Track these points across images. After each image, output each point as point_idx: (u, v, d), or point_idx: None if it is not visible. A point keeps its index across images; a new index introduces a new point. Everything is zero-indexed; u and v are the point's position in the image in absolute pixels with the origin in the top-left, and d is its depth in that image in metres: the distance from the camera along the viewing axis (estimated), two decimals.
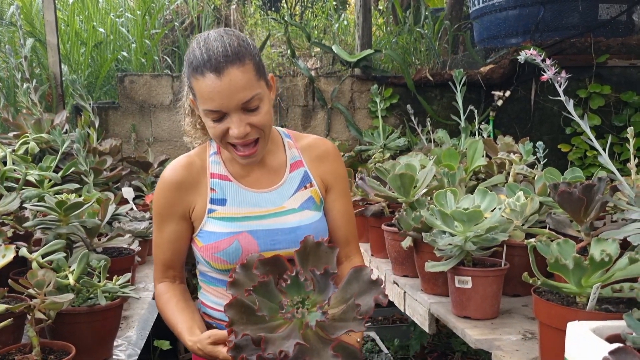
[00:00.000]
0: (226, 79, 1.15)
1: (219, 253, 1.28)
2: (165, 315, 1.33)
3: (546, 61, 1.24)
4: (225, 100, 1.17)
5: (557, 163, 3.88)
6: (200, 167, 1.34)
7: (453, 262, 1.42)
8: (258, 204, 1.32)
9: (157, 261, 1.39)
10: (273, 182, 1.35)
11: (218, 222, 1.30)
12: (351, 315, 0.98)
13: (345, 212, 1.42)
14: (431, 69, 4.03)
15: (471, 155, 2.18)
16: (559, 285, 1.01)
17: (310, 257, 1.04)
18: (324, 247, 1.04)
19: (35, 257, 1.29)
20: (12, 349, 1.16)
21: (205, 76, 1.16)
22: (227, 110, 1.19)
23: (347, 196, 1.43)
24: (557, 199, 1.39)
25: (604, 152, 1.23)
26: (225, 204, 1.31)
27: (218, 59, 1.16)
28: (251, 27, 5.97)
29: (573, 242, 1.07)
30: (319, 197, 1.37)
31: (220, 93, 1.16)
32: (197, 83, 1.19)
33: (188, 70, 1.22)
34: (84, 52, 4.10)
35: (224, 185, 1.33)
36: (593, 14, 4.17)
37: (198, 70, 1.18)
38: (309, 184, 1.36)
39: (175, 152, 3.52)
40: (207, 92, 1.17)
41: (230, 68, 1.16)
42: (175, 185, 1.32)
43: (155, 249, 1.38)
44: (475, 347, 1.29)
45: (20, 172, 2.09)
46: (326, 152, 1.40)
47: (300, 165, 1.38)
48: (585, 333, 0.85)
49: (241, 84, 1.16)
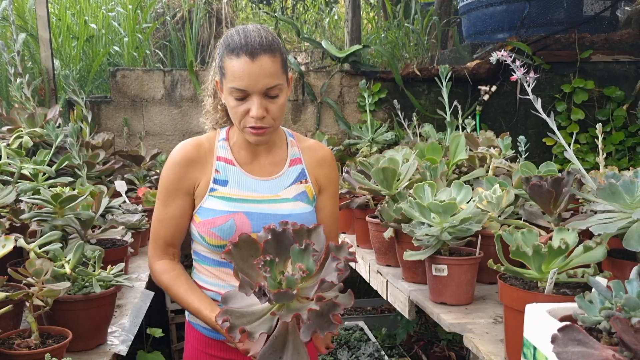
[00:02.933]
0: (258, 63, 1.28)
1: (215, 228, 1.37)
2: (176, 292, 1.39)
3: (516, 62, 1.32)
4: (252, 82, 1.29)
5: (541, 156, 3.98)
6: (209, 148, 1.45)
7: (430, 251, 1.50)
8: (256, 190, 1.42)
9: (157, 238, 1.44)
10: (273, 172, 1.46)
11: (217, 200, 1.40)
12: (327, 316, 1.06)
13: (333, 212, 1.56)
14: (420, 63, 4.10)
15: (454, 149, 2.25)
16: (521, 271, 1.09)
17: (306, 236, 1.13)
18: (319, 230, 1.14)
19: (32, 248, 1.36)
20: (12, 334, 1.23)
21: (240, 57, 1.29)
22: (252, 92, 1.30)
23: (335, 198, 1.58)
24: (528, 191, 1.47)
25: (569, 147, 1.30)
26: (227, 185, 1.42)
27: (254, 45, 1.29)
28: (242, 21, 6.01)
29: (536, 232, 1.15)
30: (312, 193, 1.49)
31: (250, 74, 1.28)
32: (231, 62, 1.30)
33: (223, 51, 1.34)
34: (75, 47, 4.14)
35: (227, 169, 1.43)
36: (578, 10, 4.25)
37: (234, 51, 1.30)
38: (305, 180, 1.48)
39: (167, 146, 3.58)
40: (239, 72, 1.29)
41: (263, 55, 1.29)
42: (184, 162, 1.41)
43: (157, 225, 1.44)
44: (449, 330, 1.37)
45: (15, 166, 2.15)
46: (324, 158, 1.53)
47: (299, 162, 1.49)
48: (541, 314, 0.93)
49: (269, 71, 1.30)
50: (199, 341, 1.47)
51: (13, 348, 1.16)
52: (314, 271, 1.07)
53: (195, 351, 1.49)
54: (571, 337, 0.81)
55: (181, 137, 3.60)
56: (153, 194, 2.62)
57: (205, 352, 1.46)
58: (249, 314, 1.08)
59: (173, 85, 3.66)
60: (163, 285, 1.43)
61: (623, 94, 3.95)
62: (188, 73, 3.66)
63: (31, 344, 1.18)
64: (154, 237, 1.45)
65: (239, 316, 1.06)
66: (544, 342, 0.91)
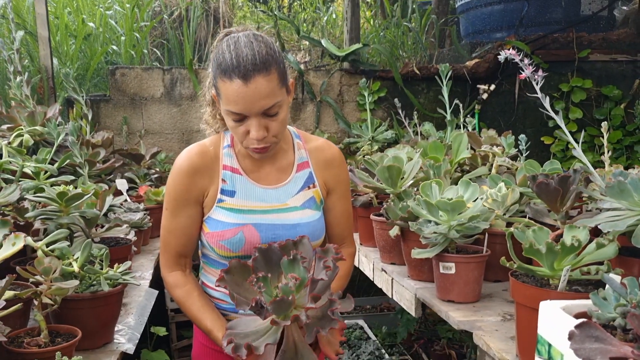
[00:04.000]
0: (252, 86, 1.22)
1: (224, 241, 1.36)
2: (189, 308, 1.38)
3: (525, 60, 1.32)
4: (248, 105, 1.23)
5: (540, 155, 3.99)
6: (214, 155, 1.41)
7: (438, 249, 1.50)
8: (264, 199, 1.39)
9: (168, 249, 1.42)
10: (280, 179, 1.42)
11: (226, 212, 1.37)
12: (327, 317, 1.08)
13: (345, 211, 1.51)
14: (418, 62, 4.11)
15: (456, 147, 2.26)
16: (534, 269, 1.09)
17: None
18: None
19: (40, 246, 1.35)
20: (20, 332, 1.22)
21: (233, 81, 1.22)
22: (249, 114, 1.25)
23: (347, 197, 1.53)
24: (535, 189, 1.48)
25: (577, 145, 1.31)
26: (234, 195, 1.38)
27: (247, 66, 1.22)
28: (240, 20, 5.99)
29: (548, 229, 1.15)
30: (320, 197, 1.45)
31: (244, 99, 1.23)
32: (224, 85, 1.25)
33: (215, 71, 1.28)
34: (73, 45, 4.12)
35: (234, 178, 1.39)
36: (575, 10, 4.27)
37: (226, 74, 1.24)
38: (312, 184, 1.44)
39: (166, 145, 3.57)
40: (232, 96, 1.24)
41: (257, 76, 1.22)
42: (192, 171, 1.38)
43: (168, 236, 1.41)
44: (458, 328, 1.37)
45: (17, 164, 2.13)
46: (332, 158, 1.47)
47: (307, 166, 1.45)
48: (555, 311, 0.94)
49: (265, 92, 1.23)
50: (206, 338, 1.47)
51: (22, 346, 1.16)
52: (307, 279, 1.08)
53: (202, 347, 1.49)
54: (588, 334, 0.81)
55: (180, 135, 3.60)
56: (154, 193, 2.61)
57: (213, 348, 1.46)
58: (253, 332, 1.10)
59: (172, 84, 3.65)
60: (176, 299, 1.42)
61: (621, 93, 3.98)
62: (187, 72, 3.65)
63: (40, 343, 1.18)
64: (165, 247, 1.43)
65: (244, 336, 1.08)
66: (559, 339, 0.92)
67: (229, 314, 1.42)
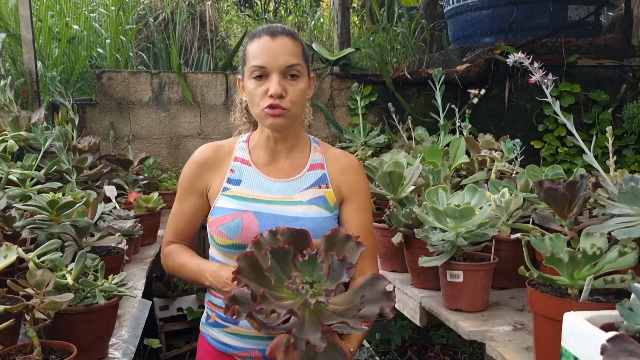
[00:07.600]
0: (278, 41, 1.31)
1: (222, 226, 1.34)
2: (182, 260, 1.41)
3: (534, 64, 1.29)
4: (272, 58, 1.30)
5: (530, 159, 4.00)
6: (227, 151, 1.45)
7: (445, 257, 1.46)
8: (269, 190, 1.38)
9: (170, 227, 1.49)
10: (289, 175, 1.41)
11: (229, 199, 1.37)
12: (351, 312, 1.01)
13: (363, 226, 1.40)
14: (408, 67, 4.09)
15: (454, 152, 2.23)
16: (554, 278, 1.06)
17: (336, 246, 1.07)
18: (352, 243, 1.06)
19: (32, 257, 1.28)
20: (12, 349, 1.15)
21: (261, 37, 1.32)
22: (271, 69, 1.30)
23: (365, 210, 1.42)
24: (542, 195, 1.45)
25: (588, 150, 1.29)
26: (240, 184, 1.39)
27: (277, 28, 1.34)
28: (227, 24, 5.93)
29: (564, 237, 1.12)
30: (333, 200, 1.39)
31: (269, 51, 1.30)
32: (252, 44, 1.33)
33: (247, 42, 1.37)
34: (57, 48, 4.01)
35: (243, 169, 1.41)
36: (563, 15, 4.30)
37: (256, 35, 1.34)
38: (325, 185, 1.40)
39: (154, 150, 3.48)
40: (259, 50, 1.31)
41: (283, 36, 1.32)
42: (200, 163, 1.43)
43: (172, 217, 1.49)
44: (469, 338, 1.33)
45: (2, 171, 2.05)
46: (349, 165, 1.44)
47: (321, 168, 1.43)
48: (581, 322, 0.90)
49: (289, 50, 1.31)
50: (210, 354, 1.41)
51: None
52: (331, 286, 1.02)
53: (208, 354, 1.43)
54: (622, 348, 0.78)
55: (169, 140, 3.52)
56: (145, 199, 2.54)
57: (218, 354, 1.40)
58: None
59: (161, 88, 3.58)
60: (169, 260, 1.46)
61: (608, 98, 4.01)
62: (176, 76, 3.58)
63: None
64: (168, 225, 1.50)
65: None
66: (586, 352, 0.88)
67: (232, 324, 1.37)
